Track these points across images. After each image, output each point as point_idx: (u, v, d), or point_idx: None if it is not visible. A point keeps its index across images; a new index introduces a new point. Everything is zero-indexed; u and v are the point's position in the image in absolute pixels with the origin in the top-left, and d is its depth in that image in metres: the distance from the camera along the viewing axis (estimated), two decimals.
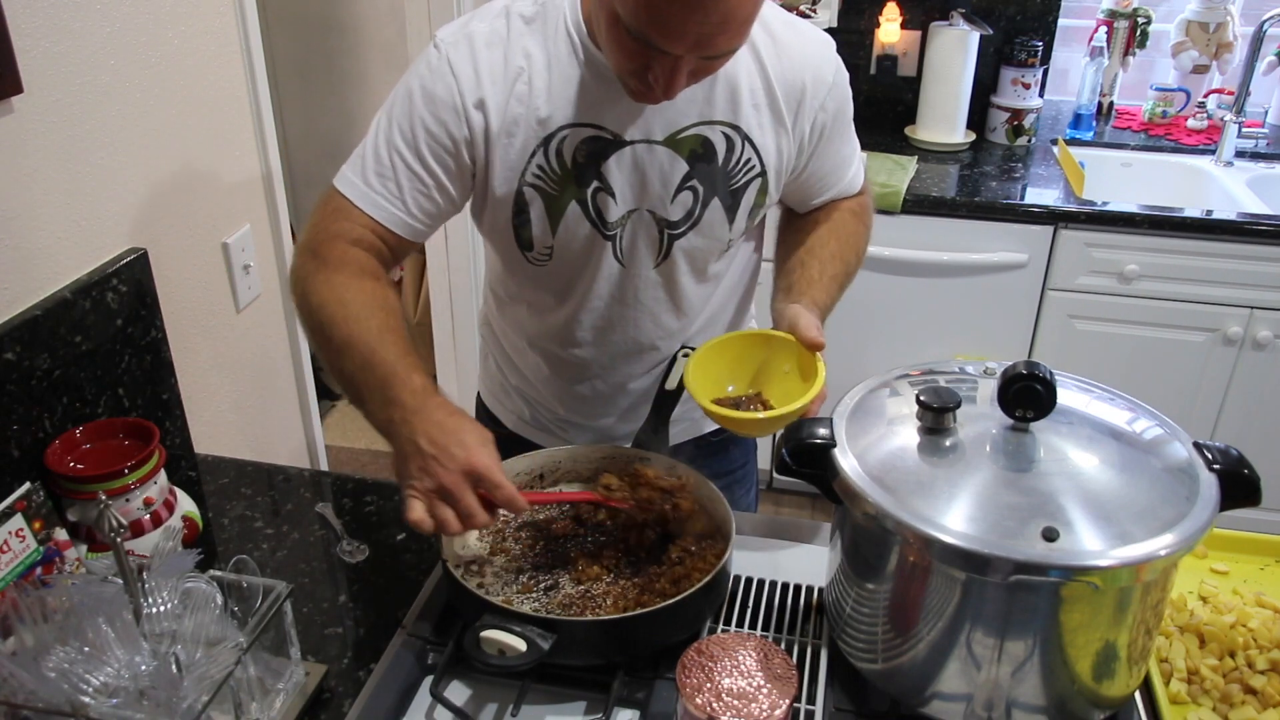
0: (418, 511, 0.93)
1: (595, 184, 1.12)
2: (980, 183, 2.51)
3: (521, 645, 0.91)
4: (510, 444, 1.39)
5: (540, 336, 1.29)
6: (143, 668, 0.87)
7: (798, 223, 1.29)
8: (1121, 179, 2.69)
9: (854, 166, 1.28)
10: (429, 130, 1.08)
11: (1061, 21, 2.75)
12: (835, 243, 1.23)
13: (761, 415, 1.06)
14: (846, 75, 1.20)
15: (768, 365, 1.14)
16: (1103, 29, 2.77)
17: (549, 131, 1.10)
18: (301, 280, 1.08)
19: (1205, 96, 2.84)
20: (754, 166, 1.15)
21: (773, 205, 1.24)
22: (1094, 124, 2.80)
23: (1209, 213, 2.32)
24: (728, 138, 1.13)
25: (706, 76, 1.06)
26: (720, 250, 1.22)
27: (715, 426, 1.13)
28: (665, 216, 1.15)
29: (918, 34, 2.77)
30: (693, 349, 1.29)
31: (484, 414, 1.47)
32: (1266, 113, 2.80)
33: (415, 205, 1.11)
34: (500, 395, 1.43)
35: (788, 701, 0.86)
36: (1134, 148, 2.75)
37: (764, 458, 2.69)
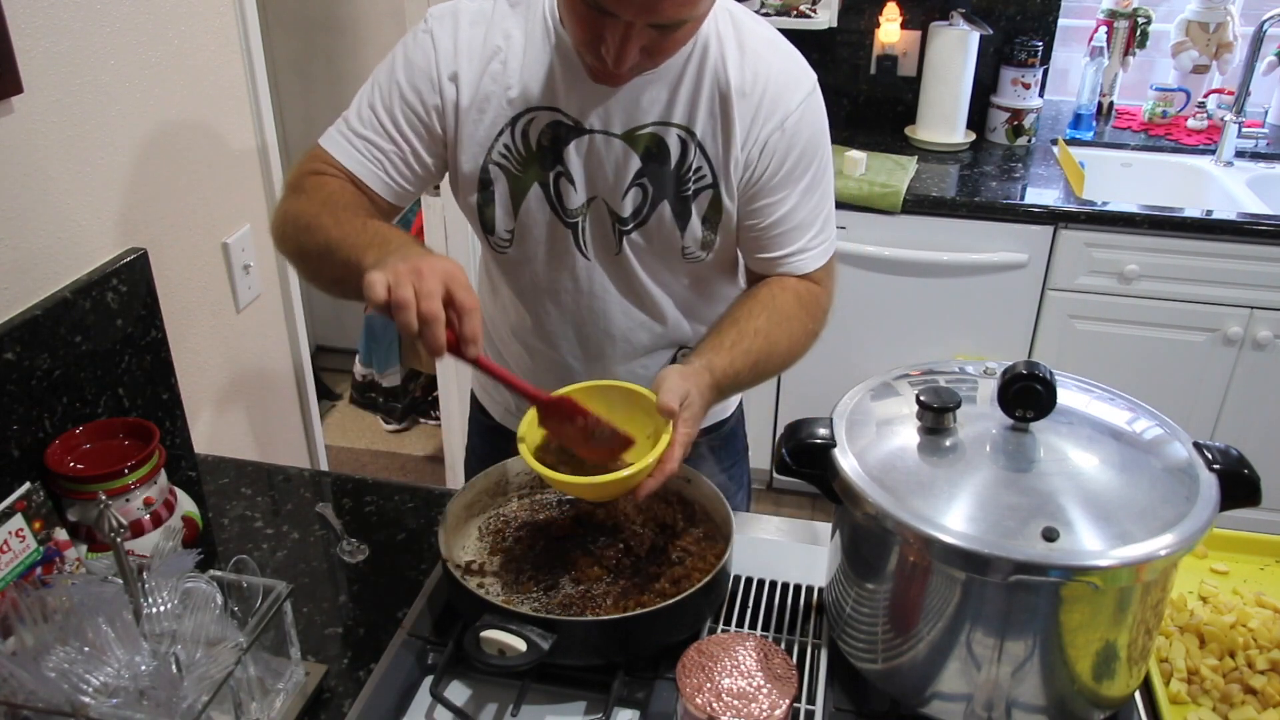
0: (378, 281, 0.88)
1: (557, 168, 1.14)
2: (980, 183, 2.51)
3: (521, 645, 0.91)
4: (498, 436, 1.40)
5: (520, 327, 1.29)
6: (143, 668, 0.87)
7: (740, 296, 1.22)
8: (1121, 179, 2.69)
9: (808, 237, 1.18)
10: (404, 97, 1.13)
11: (1061, 21, 2.75)
12: (764, 319, 1.14)
13: (572, 480, 0.97)
14: (821, 119, 1.16)
15: (631, 423, 1.03)
16: (1103, 29, 2.77)
17: (517, 112, 1.12)
18: (284, 209, 1.13)
19: (1205, 96, 2.84)
20: (705, 176, 1.14)
21: (732, 225, 1.18)
22: (1094, 124, 2.80)
23: (1209, 213, 2.32)
24: (682, 142, 1.13)
25: (663, 57, 1.05)
26: (675, 257, 1.19)
27: (652, 488, 1.02)
28: (617, 211, 1.16)
29: (918, 34, 2.77)
30: (691, 349, 1.28)
31: (475, 406, 1.48)
32: (1266, 113, 2.80)
33: (391, 166, 1.15)
34: (489, 387, 1.44)
35: (788, 701, 0.86)
36: (1134, 148, 2.75)
37: (764, 458, 2.70)
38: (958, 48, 2.62)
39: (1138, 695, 0.97)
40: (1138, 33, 2.77)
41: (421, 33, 1.13)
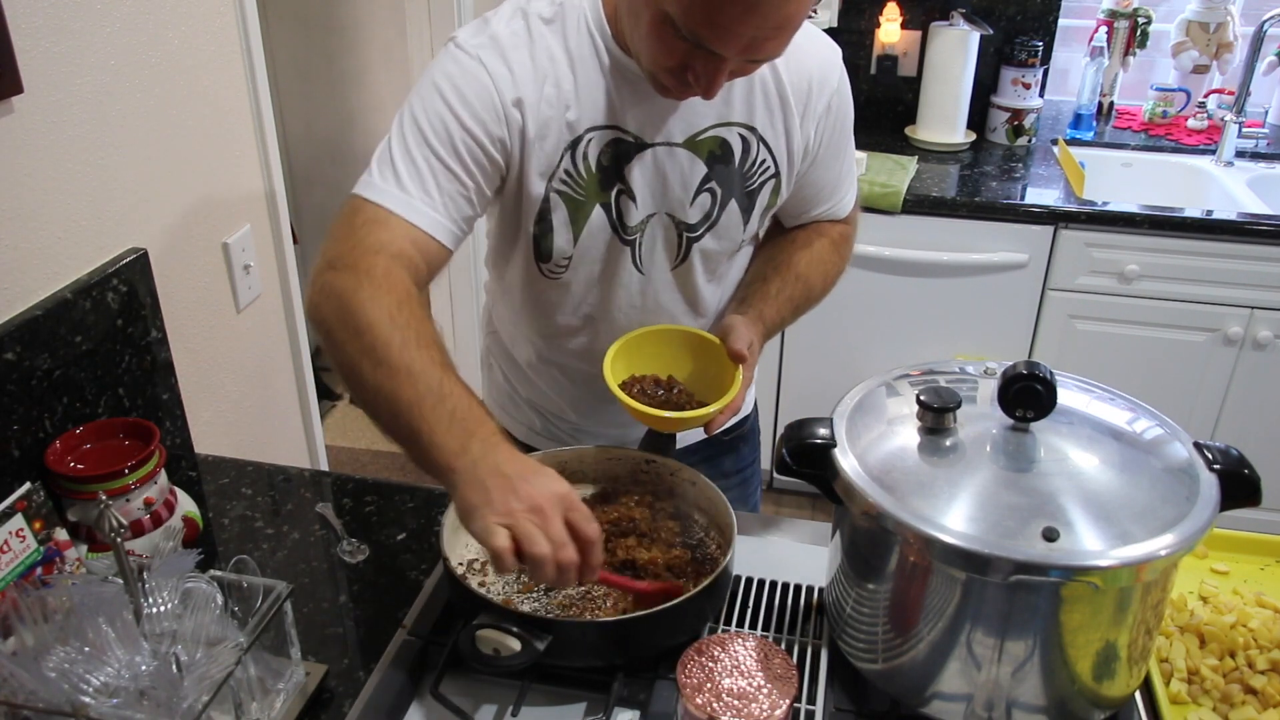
0: (503, 538, 0.84)
1: (618, 187, 1.12)
2: (980, 183, 2.51)
3: (516, 645, 0.91)
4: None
5: (558, 350, 1.28)
6: (143, 668, 0.87)
7: (776, 238, 1.29)
8: (1122, 179, 2.69)
9: (845, 188, 1.28)
10: (467, 130, 1.03)
11: (1061, 21, 2.75)
12: (804, 265, 1.25)
13: (664, 414, 1.10)
14: (848, 86, 1.21)
15: (695, 365, 1.17)
16: (1103, 29, 2.77)
17: (577, 134, 1.08)
18: (338, 294, 0.97)
19: (1205, 96, 2.84)
20: (768, 168, 1.16)
21: (777, 208, 1.24)
22: (1094, 124, 2.80)
23: (1209, 213, 2.32)
24: (744, 139, 1.14)
25: (741, 77, 1.07)
26: (733, 251, 1.23)
27: (727, 425, 1.14)
28: (684, 219, 1.16)
29: (918, 34, 2.77)
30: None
31: None
32: (1266, 113, 2.80)
33: (455, 209, 1.05)
34: (509, 407, 1.41)
35: (788, 701, 0.86)
36: (1134, 148, 2.75)
37: (764, 458, 2.70)
38: (958, 48, 2.62)
39: (1138, 695, 0.97)
40: (1138, 33, 2.77)
41: (466, 60, 1.04)
